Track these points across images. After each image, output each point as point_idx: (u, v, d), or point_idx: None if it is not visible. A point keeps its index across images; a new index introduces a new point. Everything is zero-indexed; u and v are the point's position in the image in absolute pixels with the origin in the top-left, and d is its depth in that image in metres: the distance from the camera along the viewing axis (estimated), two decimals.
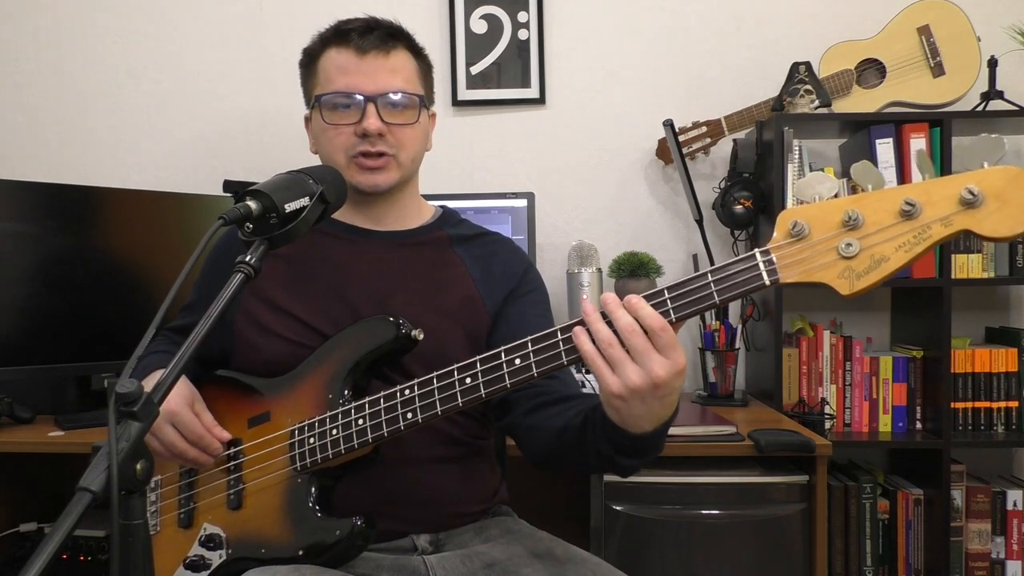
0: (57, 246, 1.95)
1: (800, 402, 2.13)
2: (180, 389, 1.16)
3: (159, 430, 1.13)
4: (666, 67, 2.36)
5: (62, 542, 0.67)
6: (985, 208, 0.81)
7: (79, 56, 2.42)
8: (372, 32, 1.24)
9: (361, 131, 1.22)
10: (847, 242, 0.85)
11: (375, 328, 1.17)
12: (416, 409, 1.07)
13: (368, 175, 1.25)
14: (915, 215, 0.83)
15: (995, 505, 2.12)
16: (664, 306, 0.93)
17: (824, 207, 0.87)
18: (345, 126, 1.23)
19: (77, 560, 1.95)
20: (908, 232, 0.84)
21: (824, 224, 0.87)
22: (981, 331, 2.32)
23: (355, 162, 1.24)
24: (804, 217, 0.87)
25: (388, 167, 1.26)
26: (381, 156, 1.24)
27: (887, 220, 0.84)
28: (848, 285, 0.85)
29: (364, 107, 1.22)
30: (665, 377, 0.89)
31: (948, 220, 0.82)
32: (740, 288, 0.90)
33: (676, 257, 2.34)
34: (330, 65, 1.25)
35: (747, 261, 0.90)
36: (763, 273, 0.89)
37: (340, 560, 1.11)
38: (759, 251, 0.90)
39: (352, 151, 1.24)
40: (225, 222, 0.91)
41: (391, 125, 1.24)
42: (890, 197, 0.84)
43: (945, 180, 0.83)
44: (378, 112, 1.23)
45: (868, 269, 0.85)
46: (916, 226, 0.83)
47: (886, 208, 0.84)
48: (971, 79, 2.16)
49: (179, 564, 1.18)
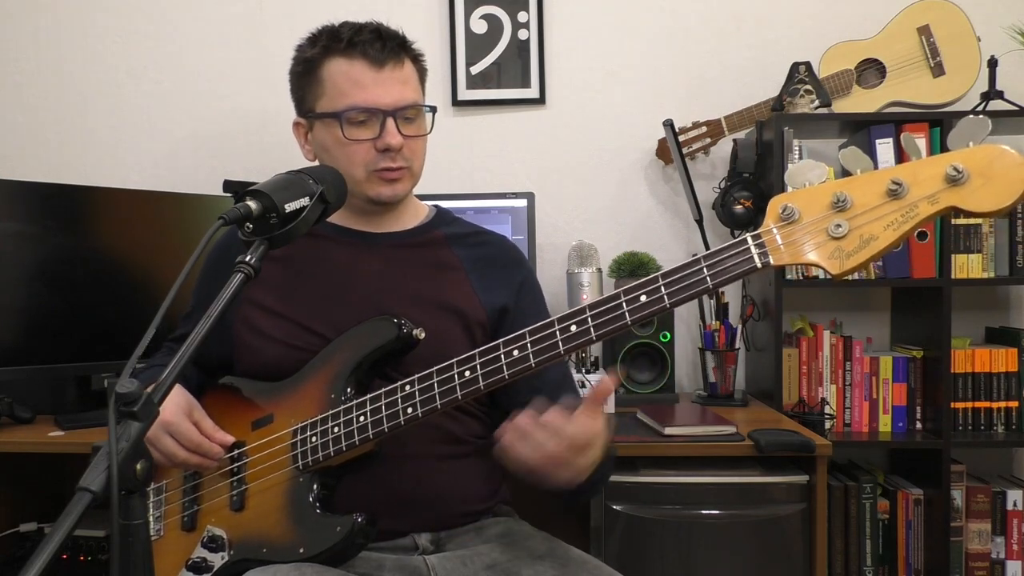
0: (57, 246, 1.94)
1: (800, 402, 2.13)
2: (175, 398, 1.16)
3: (157, 440, 1.13)
4: (666, 67, 2.36)
5: (62, 542, 0.67)
6: (970, 185, 0.83)
7: (79, 56, 2.42)
8: (383, 42, 1.23)
9: (383, 146, 1.22)
10: (836, 223, 0.88)
11: (377, 328, 1.18)
12: (416, 404, 1.07)
13: (389, 187, 1.26)
14: (902, 194, 0.86)
15: (995, 505, 2.12)
16: (658, 292, 0.95)
17: (813, 191, 0.90)
18: (365, 141, 1.23)
19: (77, 560, 1.95)
20: (896, 211, 0.86)
21: (814, 207, 0.89)
22: (981, 331, 2.32)
23: (376, 175, 1.24)
24: (794, 201, 0.90)
25: (404, 177, 1.27)
26: (399, 168, 1.25)
27: (875, 200, 0.87)
28: (838, 264, 0.88)
29: (384, 122, 1.22)
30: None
31: (934, 198, 0.85)
32: (732, 272, 0.93)
33: (676, 257, 2.34)
34: (341, 77, 1.23)
35: (739, 246, 0.93)
36: (754, 256, 0.91)
37: (341, 558, 1.11)
38: (750, 235, 0.92)
39: (373, 166, 1.24)
40: (225, 222, 0.91)
41: (407, 137, 1.24)
42: (877, 178, 0.87)
43: (930, 160, 0.85)
44: (397, 126, 1.23)
45: (858, 248, 0.87)
46: (903, 205, 0.86)
47: (873, 189, 0.87)
48: (971, 79, 2.16)
49: (182, 566, 1.19)
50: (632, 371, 2.07)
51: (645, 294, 0.96)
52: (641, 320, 0.97)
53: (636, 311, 0.97)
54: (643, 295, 0.97)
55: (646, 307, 0.96)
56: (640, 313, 0.97)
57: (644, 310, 0.96)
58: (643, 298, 0.97)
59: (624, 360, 2.05)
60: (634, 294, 0.97)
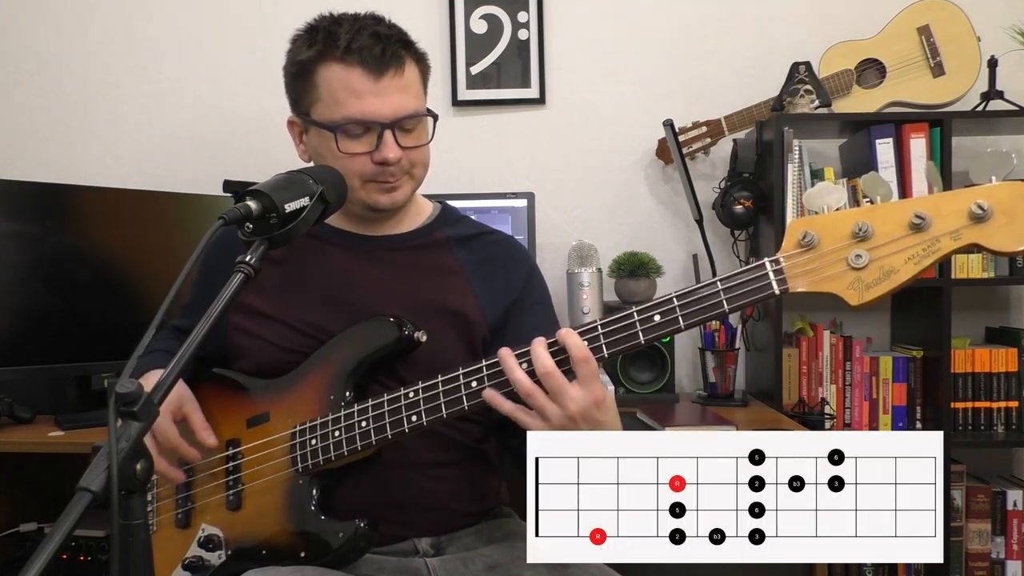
0: (57, 246, 1.94)
1: (800, 402, 2.13)
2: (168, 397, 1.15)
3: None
4: (666, 67, 2.36)
5: (62, 542, 0.67)
6: (994, 223, 0.82)
7: (79, 56, 2.42)
8: (381, 47, 1.16)
9: (380, 159, 1.17)
10: (857, 253, 0.86)
11: (377, 329, 1.16)
12: (421, 412, 1.06)
13: (387, 196, 1.21)
14: (925, 228, 0.84)
15: (995, 505, 2.12)
16: (673, 313, 0.95)
17: (834, 218, 0.88)
18: (361, 154, 1.17)
19: (77, 560, 1.94)
20: (918, 244, 0.85)
21: (834, 235, 0.88)
22: (981, 331, 2.32)
23: (373, 184, 1.20)
24: (814, 228, 0.88)
25: (403, 185, 1.22)
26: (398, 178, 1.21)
27: (897, 232, 0.86)
28: (857, 296, 0.87)
29: (381, 134, 1.16)
30: (579, 411, 0.95)
31: (957, 234, 0.84)
32: (750, 296, 0.92)
33: (676, 257, 2.34)
34: (337, 85, 1.16)
35: (757, 270, 0.91)
36: (773, 282, 0.90)
37: (343, 562, 1.11)
38: (769, 260, 0.91)
39: (368, 176, 1.19)
40: (225, 222, 0.91)
41: (406, 149, 1.19)
42: (900, 210, 0.86)
43: (954, 194, 0.84)
44: (395, 138, 1.17)
45: (878, 280, 0.86)
46: (926, 239, 0.85)
47: (896, 220, 0.86)
48: (971, 79, 2.16)
49: (177, 564, 1.18)
50: (632, 371, 2.07)
51: (659, 314, 0.96)
52: (653, 340, 0.97)
53: (649, 331, 0.96)
54: (657, 315, 0.96)
55: (660, 327, 0.96)
56: (653, 333, 0.96)
57: (657, 330, 0.96)
58: (657, 318, 0.96)
59: (624, 360, 2.05)
60: (648, 314, 0.96)
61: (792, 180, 2.06)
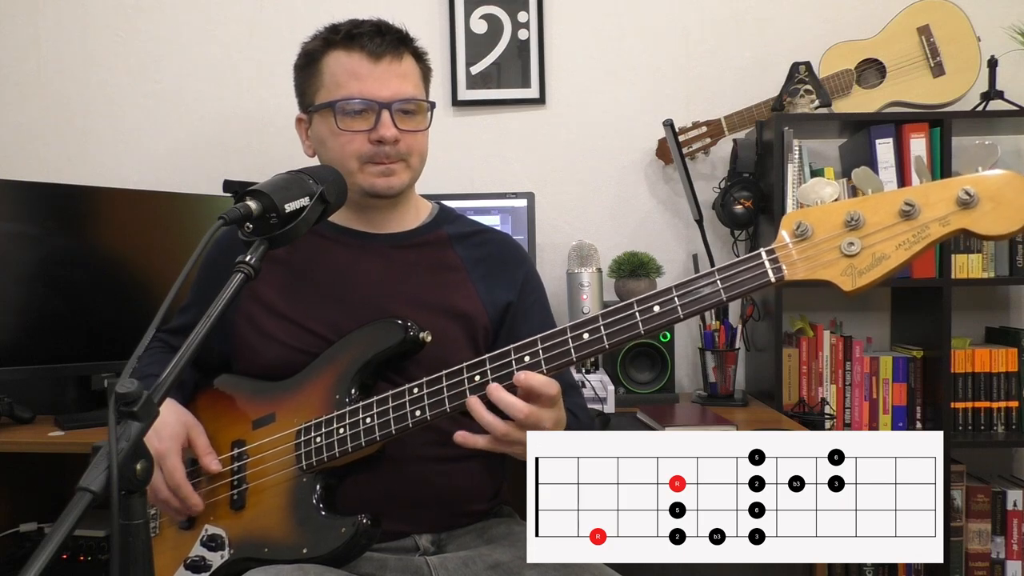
0: (57, 246, 1.94)
1: (800, 402, 2.13)
2: (170, 422, 1.15)
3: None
4: (666, 67, 2.36)
5: (62, 542, 0.67)
6: (980, 208, 0.85)
7: (79, 56, 2.42)
8: (382, 36, 1.23)
9: (377, 138, 1.22)
10: (849, 241, 0.89)
11: (383, 330, 1.17)
12: (425, 407, 1.07)
13: (384, 179, 1.24)
14: (914, 215, 0.87)
15: (995, 505, 2.12)
16: (671, 303, 0.96)
17: (827, 209, 0.91)
18: (359, 132, 1.22)
19: (77, 560, 1.95)
20: (908, 231, 0.88)
21: (827, 225, 0.91)
22: (981, 331, 2.32)
23: (370, 166, 1.24)
24: (808, 219, 0.91)
25: (400, 170, 1.26)
26: (394, 160, 1.25)
27: (887, 220, 0.89)
28: (851, 282, 0.89)
29: (379, 114, 1.22)
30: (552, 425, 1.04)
31: (946, 220, 0.87)
32: (746, 286, 0.94)
33: (676, 257, 2.34)
34: (339, 69, 1.23)
35: (753, 260, 0.94)
36: (768, 271, 0.93)
37: (345, 559, 1.11)
38: (764, 250, 0.93)
39: (365, 157, 1.23)
40: (225, 222, 0.91)
41: (404, 131, 1.23)
42: (890, 199, 0.89)
43: (942, 183, 0.88)
44: (392, 119, 1.22)
45: (870, 266, 0.89)
46: (915, 226, 0.87)
47: (886, 209, 0.89)
48: (971, 79, 2.16)
49: (179, 564, 1.18)
50: (632, 371, 2.07)
51: (658, 305, 0.98)
52: (654, 331, 0.99)
53: (649, 321, 0.98)
54: (656, 306, 0.98)
55: (659, 317, 0.98)
56: (653, 323, 0.98)
57: (657, 320, 0.98)
58: (656, 308, 0.98)
59: (624, 360, 2.05)
60: (647, 304, 0.98)
61: (792, 180, 2.06)
